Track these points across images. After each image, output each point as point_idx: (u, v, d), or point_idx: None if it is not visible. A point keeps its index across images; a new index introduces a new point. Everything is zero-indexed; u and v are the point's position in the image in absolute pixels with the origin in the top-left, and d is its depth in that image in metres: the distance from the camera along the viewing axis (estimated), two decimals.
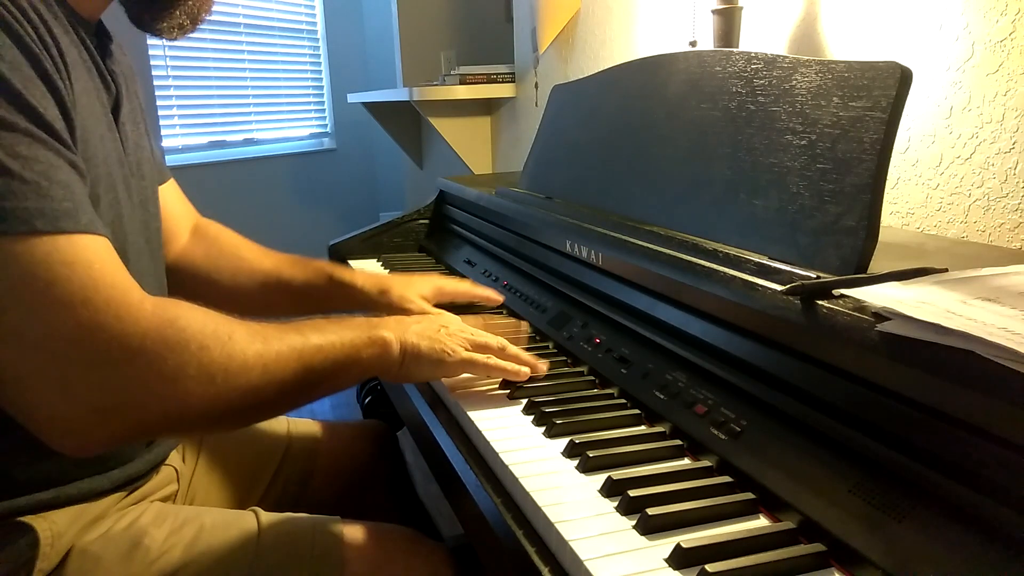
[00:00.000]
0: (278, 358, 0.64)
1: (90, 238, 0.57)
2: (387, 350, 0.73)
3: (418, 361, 0.75)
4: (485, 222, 1.31)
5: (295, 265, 1.01)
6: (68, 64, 0.62)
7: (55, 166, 0.57)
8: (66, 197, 0.56)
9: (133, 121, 0.78)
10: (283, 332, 0.67)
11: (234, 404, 0.62)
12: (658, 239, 0.82)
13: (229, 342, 0.61)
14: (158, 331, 0.57)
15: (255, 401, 0.64)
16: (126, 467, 0.74)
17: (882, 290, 0.56)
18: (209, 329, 0.61)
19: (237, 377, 0.61)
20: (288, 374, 0.65)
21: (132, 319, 0.57)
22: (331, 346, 0.69)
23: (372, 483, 1.04)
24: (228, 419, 0.65)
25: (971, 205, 0.93)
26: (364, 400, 1.37)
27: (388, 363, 0.74)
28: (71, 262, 0.55)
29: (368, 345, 0.72)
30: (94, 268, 0.56)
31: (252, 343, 0.63)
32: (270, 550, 0.73)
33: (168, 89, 3.50)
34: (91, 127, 0.65)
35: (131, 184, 0.74)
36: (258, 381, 0.63)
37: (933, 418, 0.48)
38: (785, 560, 0.50)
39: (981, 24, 0.89)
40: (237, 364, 0.61)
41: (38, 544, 0.65)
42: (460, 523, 0.69)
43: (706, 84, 0.88)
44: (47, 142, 0.57)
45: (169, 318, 0.59)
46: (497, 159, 2.65)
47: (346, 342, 0.70)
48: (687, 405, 0.68)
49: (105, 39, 0.75)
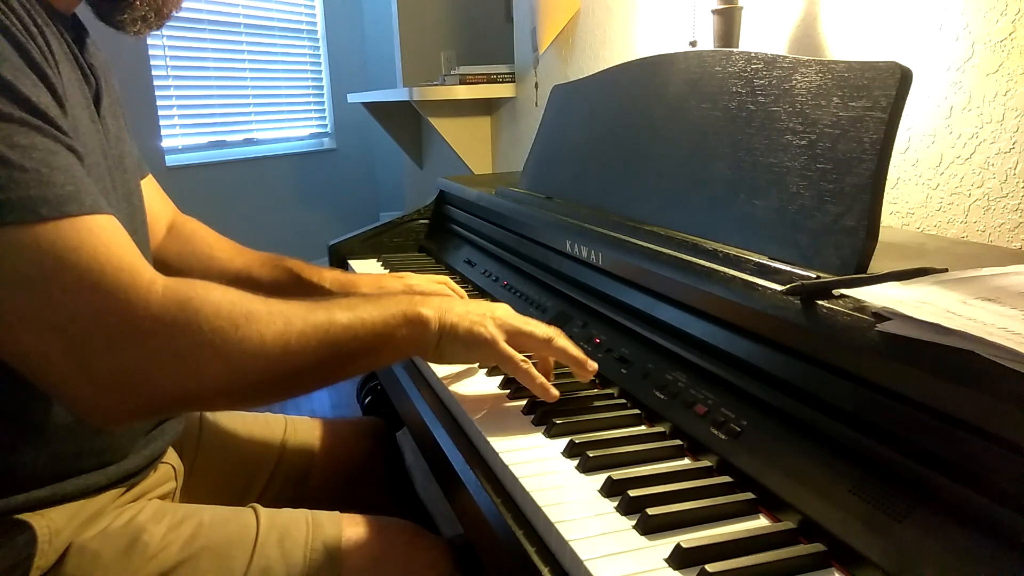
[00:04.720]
0: (300, 338, 0.63)
1: (96, 218, 0.58)
2: (424, 329, 0.71)
3: (454, 341, 0.73)
4: (485, 222, 1.31)
5: (265, 264, 1.01)
6: (54, 54, 0.63)
7: (54, 152, 0.57)
8: (68, 181, 0.57)
9: (113, 114, 0.78)
10: (310, 311, 0.66)
11: (253, 383, 0.62)
12: (658, 239, 0.82)
13: (245, 323, 0.61)
14: (169, 313, 0.58)
15: (277, 380, 0.63)
16: (122, 463, 0.74)
17: (882, 290, 0.56)
18: (224, 310, 0.60)
19: (255, 358, 0.61)
20: (311, 354, 0.64)
21: (143, 301, 0.57)
22: (361, 325, 0.67)
23: (371, 481, 1.04)
24: (249, 397, 0.65)
25: (971, 205, 0.93)
26: (364, 399, 1.37)
27: (424, 343, 0.72)
28: (77, 247, 0.56)
29: (403, 324, 0.70)
30: (100, 251, 0.57)
31: (272, 323, 0.62)
32: (269, 545, 0.72)
33: (168, 89, 3.50)
34: (78, 116, 0.66)
35: (115, 177, 0.74)
36: (278, 361, 0.62)
37: (933, 418, 0.48)
38: (785, 560, 0.50)
39: (981, 24, 0.89)
40: (254, 344, 0.61)
41: (36, 541, 0.65)
42: (460, 522, 0.69)
43: (706, 84, 0.88)
44: (43, 129, 0.57)
45: (181, 299, 0.59)
46: (497, 159, 2.65)
47: (378, 321, 0.69)
48: (687, 405, 0.68)
49: (81, 32, 0.74)
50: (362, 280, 1.01)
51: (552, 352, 0.77)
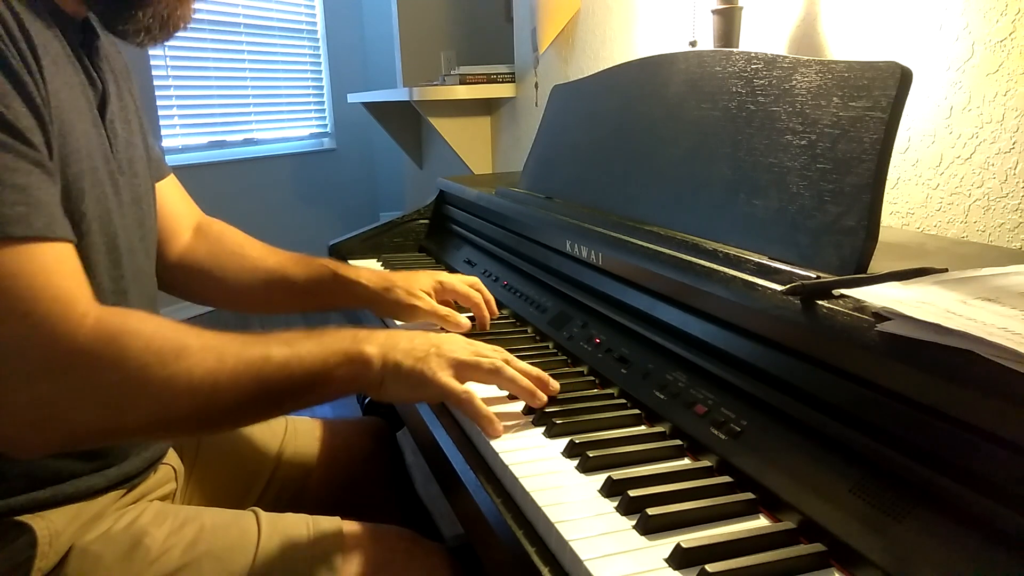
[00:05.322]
0: (232, 375, 0.62)
1: (43, 245, 0.56)
2: (365, 368, 0.69)
3: (396, 380, 0.71)
4: (485, 222, 1.31)
5: (299, 263, 1.00)
6: (42, 58, 0.61)
7: (12, 169, 0.55)
8: (20, 201, 0.55)
9: (124, 119, 0.77)
10: (245, 347, 0.64)
11: (179, 420, 0.61)
12: (658, 239, 0.82)
13: (175, 361, 0.59)
14: (96, 347, 0.56)
15: (205, 417, 0.62)
16: (122, 465, 0.74)
17: (882, 290, 0.56)
18: (155, 346, 0.59)
19: (181, 396, 0.60)
20: (242, 391, 0.63)
21: (69, 334, 0.55)
22: (299, 363, 0.66)
23: (371, 481, 1.04)
24: (175, 432, 0.65)
25: (971, 205, 0.93)
26: (364, 399, 1.37)
27: (366, 381, 0.70)
28: (15, 273, 0.54)
29: (344, 363, 0.68)
30: (38, 279, 0.55)
31: (204, 361, 0.61)
32: (270, 551, 0.72)
33: (168, 89, 3.50)
34: (73, 121, 0.65)
35: (119, 181, 0.74)
36: (206, 399, 0.61)
37: (933, 418, 0.48)
38: (785, 560, 0.50)
39: (981, 24, 0.89)
40: (182, 383, 0.59)
41: (36, 543, 0.65)
42: (460, 523, 0.69)
43: (706, 84, 0.88)
44: (5, 144, 0.55)
45: (112, 333, 0.57)
46: (497, 159, 2.65)
47: (317, 359, 0.67)
48: (687, 405, 0.68)
49: (91, 36, 0.74)
50: (397, 277, 1.00)
51: (501, 383, 0.75)
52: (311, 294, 0.99)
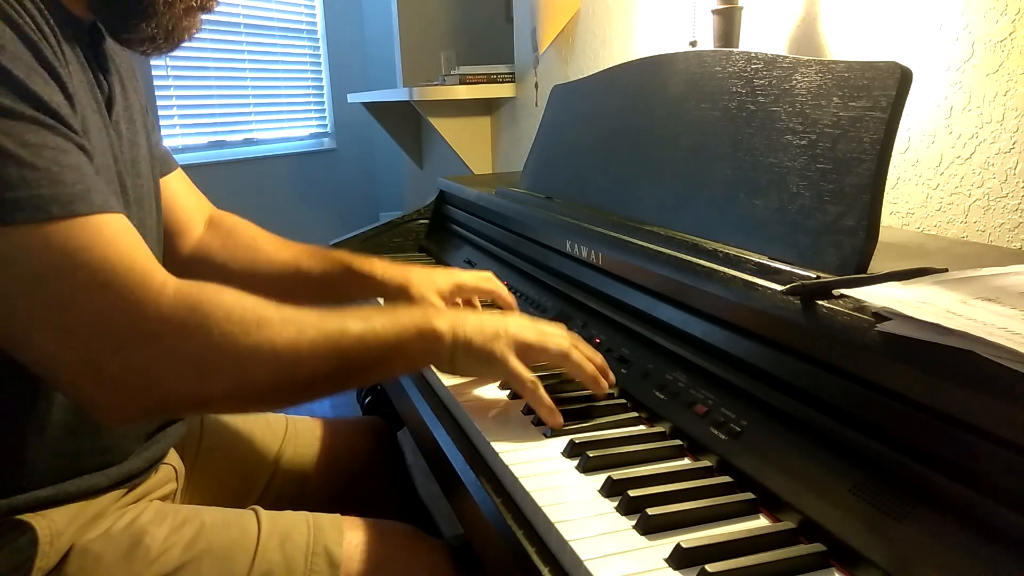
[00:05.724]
0: (312, 346, 0.63)
1: (106, 217, 0.58)
2: (437, 343, 0.71)
3: (467, 355, 0.72)
4: (485, 222, 1.31)
5: (313, 256, 1.00)
6: (66, 55, 0.63)
7: (64, 150, 0.57)
8: (78, 180, 0.57)
9: (128, 119, 0.78)
10: (322, 319, 0.65)
11: (262, 389, 0.62)
12: (658, 239, 0.82)
13: (257, 329, 0.61)
14: (179, 315, 0.58)
15: (286, 387, 0.64)
16: (124, 465, 0.74)
17: (882, 290, 0.56)
18: (236, 315, 0.60)
19: (264, 365, 0.61)
20: (322, 362, 0.64)
21: (153, 302, 0.57)
22: (374, 336, 0.67)
23: (371, 481, 1.04)
24: (258, 402, 0.65)
25: (971, 205, 0.93)
26: (364, 399, 1.37)
27: (438, 356, 0.72)
28: (87, 247, 0.56)
29: (416, 338, 0.70)
30: (110, 250, 0.57)
31: (284, 331, 0.62)
32: (270, 549, 0.72)
33: (168, 89, 3.50)
34: (88, 117, 0.66)
35: (125, 181, 0.74)
36: (288, 369, 0.62)
37: (933, 418, 0.48)
38: (785, 560, 0.50)
39: (981, 24, 0.89)
40: (265, 352, 0.61)
41: (37, 542, 0.65)
42: (460, 522, 0.69)
43: (706, 84, 0.88)
44: (54, 128, 0.57)
45: (192, 302, 0.59)
46: (497, 159, 2.65)
47: (391, 333, 0.68)
48: (687, 405, 0.68)
49: (98, 38, 0.74)
50: (415, 276, 0.99)
51: (567, 367, 0.75)
52: (325, 287, 0.99)
